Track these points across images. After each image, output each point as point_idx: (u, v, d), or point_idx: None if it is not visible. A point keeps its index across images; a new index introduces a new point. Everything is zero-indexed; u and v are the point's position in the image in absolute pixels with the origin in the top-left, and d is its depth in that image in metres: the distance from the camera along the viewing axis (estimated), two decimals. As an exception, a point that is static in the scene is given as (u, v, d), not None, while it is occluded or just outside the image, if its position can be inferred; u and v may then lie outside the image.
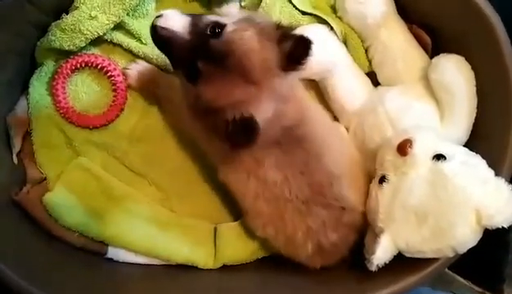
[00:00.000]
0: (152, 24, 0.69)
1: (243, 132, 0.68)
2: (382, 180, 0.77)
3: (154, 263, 0.93)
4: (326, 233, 0.82)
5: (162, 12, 0.69)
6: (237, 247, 0.93)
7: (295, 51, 0.69)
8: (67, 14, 0.84)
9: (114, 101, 0.92)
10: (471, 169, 0.72)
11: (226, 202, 0.96)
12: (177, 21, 0.68)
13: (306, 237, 0.82)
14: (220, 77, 0.68)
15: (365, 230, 0.84)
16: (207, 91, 0.68)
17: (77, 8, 0.83)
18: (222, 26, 0.69)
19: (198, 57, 0.68)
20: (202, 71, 0.68)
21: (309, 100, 0.87)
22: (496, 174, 0.74)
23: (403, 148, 0.74)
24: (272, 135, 0.76)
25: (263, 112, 0.70)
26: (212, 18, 0.70)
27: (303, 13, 0.94)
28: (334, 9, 0.95)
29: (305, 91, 0.88)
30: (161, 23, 0.68)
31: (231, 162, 0.81)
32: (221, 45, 0.68)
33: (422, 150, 0.73)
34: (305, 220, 0.82)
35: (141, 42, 0.92)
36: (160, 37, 0.68)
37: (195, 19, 0.70)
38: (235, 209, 0.95)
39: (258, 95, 0.69)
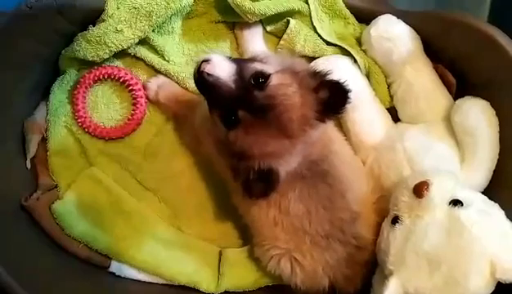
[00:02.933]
0: (198, 68, 0.67)
1: (262, 183, 0.70)
2: (395, 220, 0.75)
3: (157, 281, 0.92)
4: (341, 268, 0.82)
5: (209, 57, 0.68)
6: (241, 274, 0.92)
7: (332, 99, 0.70)
8: (94, 26, 0.85)
9: (132, 115, 0.92)
10: (489, 219, 0.70)
11: (234, 228, 0.95)
12: (223, 69, 0.67)
13: (324, 271, 0.82)
14: (258, 129, 0.68)
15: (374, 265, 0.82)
16: (243, 140, 0.69)
17: (104, 21, 0.84)
18: (265, 76, 0.69)
19: (240, 106, 0.68)
20: (242, 120, 0.68)
21: (335, 133, 0.88)
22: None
23: (420, 190, 0.72)
24: (298, 169, 0.76)
25: (291, 163, 0.73)
26: (256, 66, 0.70)
27: (328, 43, 0.94)
28: (359, 42, 0.95)
29: (331, 124, 0.87)
30: (208, 69, 0.67)
31: None
32: (264, 98, 0.68)
33: (439, 194, 0.72)
34: (323, 254, 0.82)
35: (164, 59, 0.93)
36: (206, 82, 0.67)
37: (241, 67, 0.69)
38: (242, 235, 0.95)
39: (290, 148, 0.71)
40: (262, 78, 0.69)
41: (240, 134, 0.69)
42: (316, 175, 0.79)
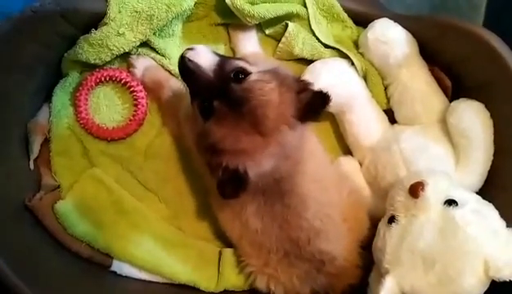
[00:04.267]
0: (182, 54, 0.70)
1: (231, 184, 0.69)
2: (391, 220, 0.76)
3: (157, 280, 0.93)
4: (316, 280, 0.83)
5: (194, 46, 0.70)
6: (240, 274, 0.91)
7: (312, 101, 0.71)
8: (96, 29, 0.86)
9: (134, 116, 0.94)
10: (483, 218, 0.71)
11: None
12: (204, 58, 0.69)
13: (301, 281, 0.83)
14: (231, 121, 0.68)
15: (369, 267, 0.83)
16: (215, 131, 0.69)
17: (106, 24, 0.85)
18: (246, 73, 0.70)
19: (216, 96, 0.69)
20: (216, 110, 0.69)
21: (312, 146, 0.84)
22: (509, 223, 0.73)
23: (415, 190, 0.73)
24: (261, 184, 0.74)
25: (261, 166, 0.71)
26: (240, 63, 0.71)
27: (326, 46, 0.95)
28: (356, 45, 0.96)
29: (312, 138, 0.86)
30: (190, 55, 0.69)
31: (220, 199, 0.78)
32: (240, 90, 0.69)
33: (434, 194, 0.73)
34: (292, 269, 0.82)
35: (165, 59, 0.94)
36: (186, 68, 0.69)
37: (223, 61, 0.71)
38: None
39: (262, 148, 0.70)
40: (242, 74, 0.70)
41: (214, 125, 0.69)
42: (276, 194, 0.78)
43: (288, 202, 0.79)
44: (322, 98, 0.71)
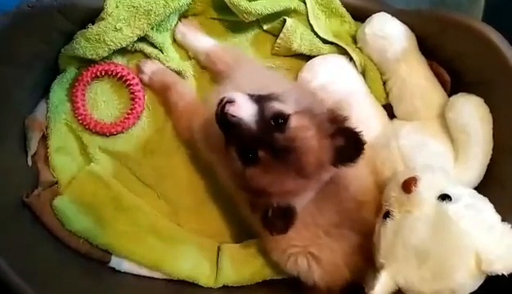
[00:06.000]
0: (223, 109, 0.68)
1: (281, 220, 0.72)
2: (386, 215, 0.76)
3: (156, 276, 0.93)
4: (358, 258, 0.84)
5: (233, 98, 0.68)
6: (239, 269, 0.93)
7: (347, 148, 0.72)
8: (93, 24, 0.86)
9: (131, 109, 0.94)
10: (476, 213, 0.71)
11: (232, 223, 0.96)
12: (246, 110, 0.69)
13: (344, 262, 0.84)
14: (277, 169, 0.70)
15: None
16: (261, 178, 0.71)
17: (103, 19, 0.86)
18: (285, 117, 0.71)
19: (260, 146, 0.70)
20: (261, 159, 0.70)
21: None
22: (506, 220, 0.72)
23: (408, 185, 0.73)
24: None
25: (306, 199, 0.76)
26: (275, 106, 0.71)
27: (324, 41, 0.95)
28: (354, 39, 0.96)
29: None
30: (232, 111, 0.68)
31: None
32: (285, 140, 0.70)
33: (427, 189, 0.73)
34: (339, 243, 0.84)
35: (162, 53, 0.94)
36: (229, 122, 0.68)
37: (262, 107, 0.70)
38: (240, 231, 0.96)
39: (306, 187, 0.74)
40: (281, 119, 0.70)
41: (259, 172, 0.71)
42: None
43: (335, 180, 0.79)
44: (357, 144, 0.71)
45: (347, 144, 0.72)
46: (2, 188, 0.84)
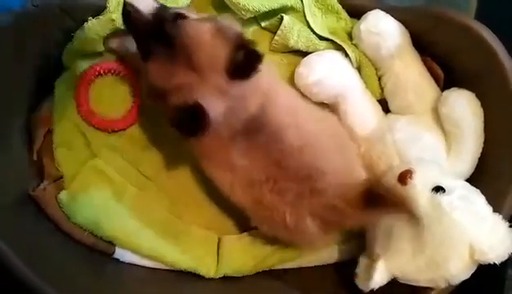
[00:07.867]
0: (125, 3, 0.72)
1: (190, 120, 0.69)
2: (382, 207, 0.78)
3: (159, 267, 0.95)
4: (311, 202, 0.78)
5: None
6: (239, 260, 0.95)
7: (244, 62, 0.70)
8: (93, 20, 0.87)
9: (132, 107, 0.96)
10: (469, 204, 0.73)
11: (232, 215, 0.98)
12: (145, 3, 0.71)
13: (296, 215, 0.79)
14: (166, 59, 0.70)
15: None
16: (152, 70, 0.71)
17: (104, 16, 0.86)
18: (184, 17, 0.72)
19: (152, 37, 0.71)
20: (152, 51, 0.71)
21: (277, 86, 0.84)
22: (497, 210, 0.75)
23: (404, 177, 0.75)
24: (238, 126, 0.76)
25: (212, 105, 0.71)
26: (182, 10, 0.73)
27: (321, 38, 0.96)
28: (350, 36, 0.97)
29: (273, 75, 0.86)
30: (131, 0, 0.71)
31: (210, 155, 0.81)
32: (173, 28, 0.70)
33: (422, 181, 0.75)
34: (283, 198, 0.79)
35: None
36: (125, 12, 0.71)
37: (164, 7, 0.72)
38: (239, 222, 0.98)
39: (201, 84, 0.70)
40: (179, 18, 0.72)
41: (154, 67, 0.71)
42: (253, 130, 0.78)
43: (267, 131, 0.78)
44: (255, 59, 0.69)
45: (245, 59, 0.70)
46: (8, 182, 0.85)
